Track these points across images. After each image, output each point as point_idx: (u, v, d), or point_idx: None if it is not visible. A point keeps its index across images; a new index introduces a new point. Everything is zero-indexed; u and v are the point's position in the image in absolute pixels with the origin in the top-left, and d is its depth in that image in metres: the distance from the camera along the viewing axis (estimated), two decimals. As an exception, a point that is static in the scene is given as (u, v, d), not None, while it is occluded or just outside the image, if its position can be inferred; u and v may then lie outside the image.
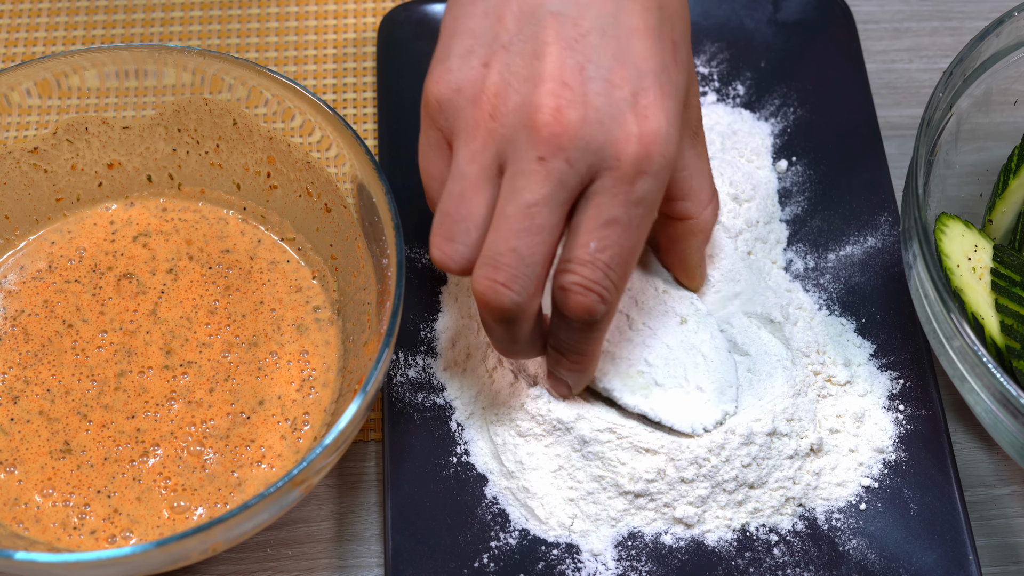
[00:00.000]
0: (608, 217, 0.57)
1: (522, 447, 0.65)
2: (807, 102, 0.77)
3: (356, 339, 0.65)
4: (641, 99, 0.56)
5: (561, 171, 0.56)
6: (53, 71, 0.67)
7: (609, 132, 0.56)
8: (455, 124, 0.58)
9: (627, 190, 0.56)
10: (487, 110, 0.57)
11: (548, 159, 0.56)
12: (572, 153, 0.56)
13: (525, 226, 0.56)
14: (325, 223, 0.68)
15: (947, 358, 0.63)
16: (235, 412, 0.65)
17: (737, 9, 0.80)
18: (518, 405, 0.66)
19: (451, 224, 0.58)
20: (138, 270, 0.69)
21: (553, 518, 0.65)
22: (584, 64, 0.56)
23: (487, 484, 0.66)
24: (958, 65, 0.67)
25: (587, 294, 0.57)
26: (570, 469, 0.65)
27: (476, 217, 0.58)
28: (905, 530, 0.65)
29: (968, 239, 0.66)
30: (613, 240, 0.57)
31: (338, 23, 0.83)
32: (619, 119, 0.56)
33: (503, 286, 0.57)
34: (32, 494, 0.63)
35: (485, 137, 0.57)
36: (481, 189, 0.57)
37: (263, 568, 0.66)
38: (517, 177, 0.56)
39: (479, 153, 0.57)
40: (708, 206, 0.65)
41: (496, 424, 0.66)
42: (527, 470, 0.65)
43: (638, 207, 0.57)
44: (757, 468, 0.65)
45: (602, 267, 0.57)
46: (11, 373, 0.66)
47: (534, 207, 0.56)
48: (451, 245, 0.58)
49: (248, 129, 0.69)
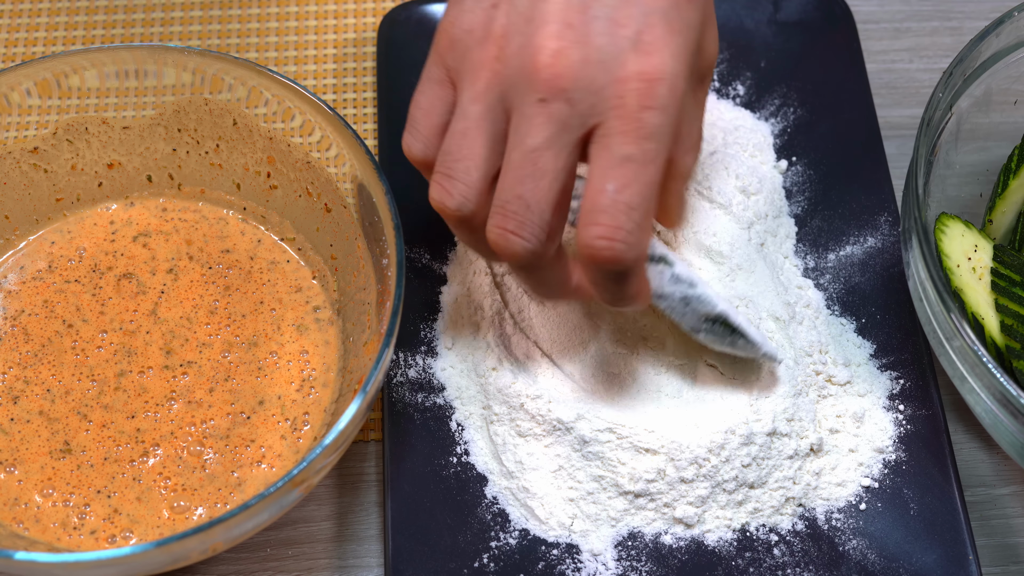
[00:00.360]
0: (621, 155, 0.55)
1: (522, 447, 0.66)
2: (807, 102, 0.77)
3: (356, 339, 0.65)
4: (645, 36, 0.56)
5: (563, 113, 0.55)
6: (53, 71, 0.67)
7: (611, 72, 0.55)
8: (462, 64, 0.58)
9: (636, 127, 0.55)
10: (492, 52, 0.57)
11: (549, 101, 0.55)
12: (573, 94, 0.55)
13: (529, 171, 0.56)
14: (325, 223, 0.68)
15: (947, 358, 0.63)
16: (235, 412, 0.65)
17: (737, 9, 0.80)
18: (518, 405, 0.66)
19: (451, 163, 0.58)
20: (138, 270, 0.69)
21: (553, 518, 0.65)
22: (588, 5, 0.56)
23: (487, 484, 0.66)
24: (958, 65, 0.67)
25: (612, 244, 0.56)
26: (570, 469, 0.65)
27: (477, 157, 0.57)
28: (905, 530, 0.65)
29: (968, 239, 0.66)
30: (630, 178, 0.55)
31: (338, 23, 0.83)
32: (621, 58, 0.55)
33: (513, 234, 0.57)
34: (32, 494, 0.63)
35: (489, 78, 0.57)
36: (483, 129, 0.57)
37: (263, 568, 0.66)
38: (520, 122, 0.56)
39: (482, 94, 0.57)
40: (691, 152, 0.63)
41: (496, 423, 0.66)
42: (527, 470, 0.65)
43: (650, 142, 0.55)
44: (757, 468, 0.65)
45: (623, 208, 0.55)
46: (11, 373, 0.66)
47: (536, 151, 0.56)
48: (451, 182, 0.58)
49: (248, 129, 0.69)
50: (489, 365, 0.67)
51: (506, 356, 0.67)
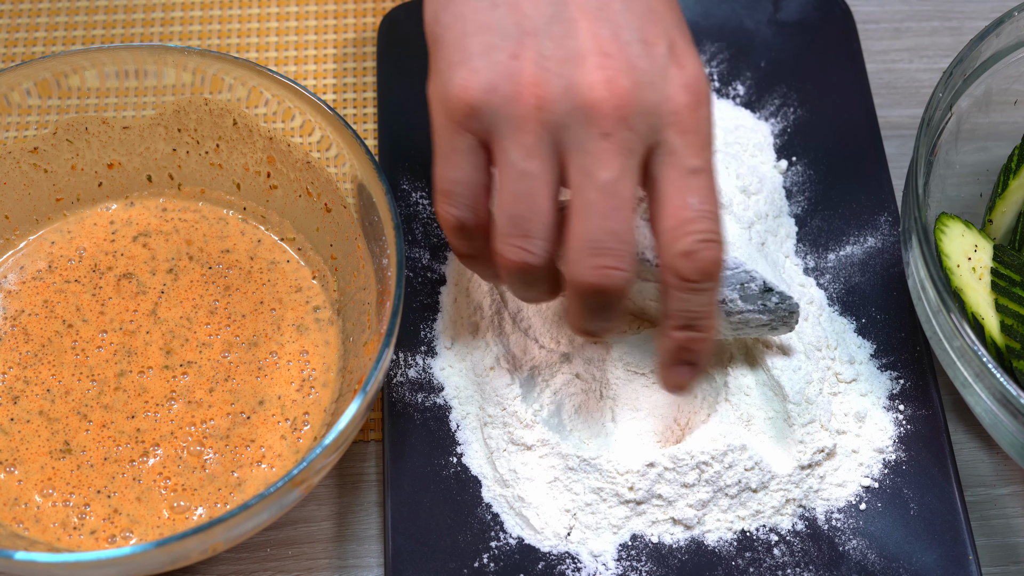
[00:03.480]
0: (690, 168, 0.56)
1: (516, 455, 0.65)
2: (807, 102, 0.77)
3: (356, 339, 0.65)
4: (676, 49, 0.57)
5: (628, 140, 0.55)
6: (53, 71, 0.67)
7: (661, 90, 0.56)
8: (495, 125, 0.56)
9: (695, 139, 0.56)
10: (531, 102, 0.55)
11: (613, 133, 0.55)
12: (633, 120, 0.55)
13: (613, 205, 0.56)
14: (325, 223, 0.68)
15: (947, 358, 0.63)
16: (235, 412, 0.65)
17: (737, 9, 0.80)
18: (511, 411, 0.65)
19: (525, 224, 0.57)
20: (138, 270, 0.69)
21: (549, 528, 0.64)
22: (617, 31, 0.56)
23: (481, 488, 0.66)
24: (958, 65, 0.67)
25: (712, 246, 0.57)
26: (566, 481, 0.65)
27: (548, 213, 0.57)
28: (905, 530, 0.65)
29: (968, 239, 0.66)
30: (705, 188, 0.57)
31: (338, 23, 0.83)
32: (665, 75, 0.56)
33: (614, 269, 0.56)
34: (32, 494, 0.63)
35: (537, 129, 0.55)
36: (548, 183, 0.56)
37: (263, 568, 0.66)
38: (587, 159, 0.55)
39: (535, 147, 0.56)
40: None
41: (490, 426, 0.66)
42: (522, 480, 0.65)
43: (707, 149, 0.57)
44: (760, 472, 0.64)
45: (709, 216, 0.57)
46: (11, 373, 0.66)
47: (614, 184, 0.55)
48: (531, 242, 0.57)
49: (248, 129, 0.69)
50: (487, 364, 0.67)
51: (504, 356, 0.67)
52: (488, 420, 0.66)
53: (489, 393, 0.66)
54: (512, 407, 0.65)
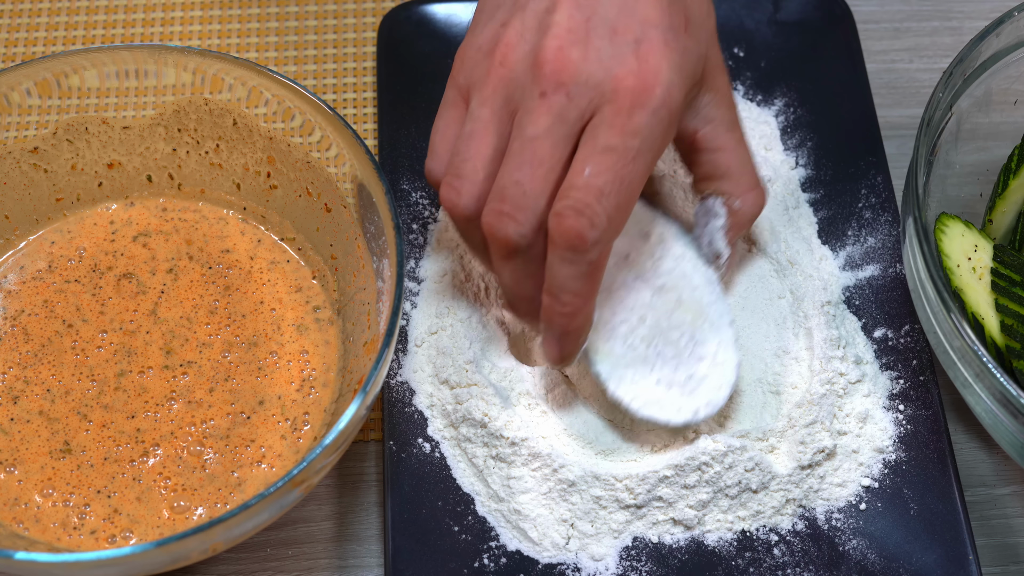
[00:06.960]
0: (604, 145, 0.58)
1: (506, 469, 0.65)
2: (807, 102, 0.77)
3: (356, 339, 0.65)
4: (643, 45, 0.59)
5: (561, 105, 0.58)
6: (53, 71, 0.67)
7: (609, 69, 0.58)
8: (472, 78, 0.61)
9: (624, 121, 0.58)
10: (498, 59, 0.60)
11: (549, 94, 0.58)
12: (572, 88, 0.58)
13: (527, 159, 0.59)
14: (325, 223, 0.68)
15: (947, 358, 0.63)
16: (235, 412, 0.65)
17: (737, 9, 0.80)
18: (496, 431, 0.64)
19: (460, 162, 0.61)
20: (138, 270, 0.69)
21: (547, 539, 0.64)
22: (591, 16, 0.59)
23: (474, 503, 0.65)
24: (958, 65, 0.67)
25: (577, 217, 0.58)
26: (563, 493, 0.64)
27: (483, 157, 0.60)
28: (905, 530, 0.65)
29: (968, 239, 0.66)
30: (607, 167, 0.58)
31: (338, 23, 0.83)
32: (620, 58, 0.58)
33: (508, 216, 0.59)
34: (32, 494, 0.63)
35: (495, 83, 0.60)
36: (490, 130, 0.60)
37: (263, 568, 0.66)
38: (523, 116, 0.59)
39: (489, 97, 0.60)
40: (750, 192, 0.66)
41: (469, 444, 0.66)
42: (516, 493, 0.64)
43: (634, 138, 0.58)
44: (760, 473, 0.64)
45: (595, 192, 0.58)
46: (11, 373, 0.66)
47: (535, 140, 0.58)
48: (459, 181, 0.61)
49: (248, 129, 0.69)
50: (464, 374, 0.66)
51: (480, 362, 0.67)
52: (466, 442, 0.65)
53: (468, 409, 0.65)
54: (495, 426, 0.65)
